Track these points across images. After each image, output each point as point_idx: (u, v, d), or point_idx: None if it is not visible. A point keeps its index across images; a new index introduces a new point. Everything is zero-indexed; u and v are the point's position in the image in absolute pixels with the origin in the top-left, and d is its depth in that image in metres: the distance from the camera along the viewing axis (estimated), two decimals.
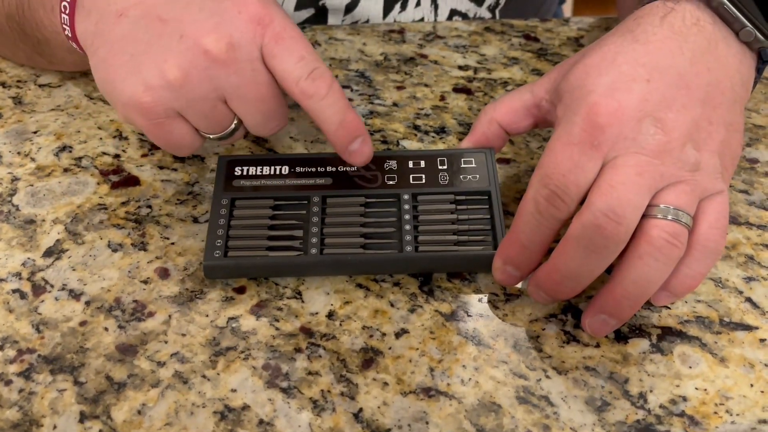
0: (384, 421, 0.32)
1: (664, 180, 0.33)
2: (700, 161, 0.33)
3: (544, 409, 0.32)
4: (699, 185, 0.33)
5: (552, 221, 0.33)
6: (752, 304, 0.37)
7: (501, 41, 0.57)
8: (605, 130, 0.33)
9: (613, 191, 0.32)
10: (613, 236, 0.31)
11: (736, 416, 0.32)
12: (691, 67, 0.34)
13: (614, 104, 0.33)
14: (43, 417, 0.32)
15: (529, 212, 0.34)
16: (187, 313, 0.37)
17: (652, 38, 0.35)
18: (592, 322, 0.34)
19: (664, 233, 0.32)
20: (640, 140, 0.33)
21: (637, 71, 0.34)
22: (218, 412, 0.32)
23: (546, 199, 0.33)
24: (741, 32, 0.35)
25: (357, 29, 0.58)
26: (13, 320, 0.36)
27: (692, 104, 0.34)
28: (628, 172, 0.32)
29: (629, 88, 0.33)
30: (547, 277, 0.34)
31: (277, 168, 0.40)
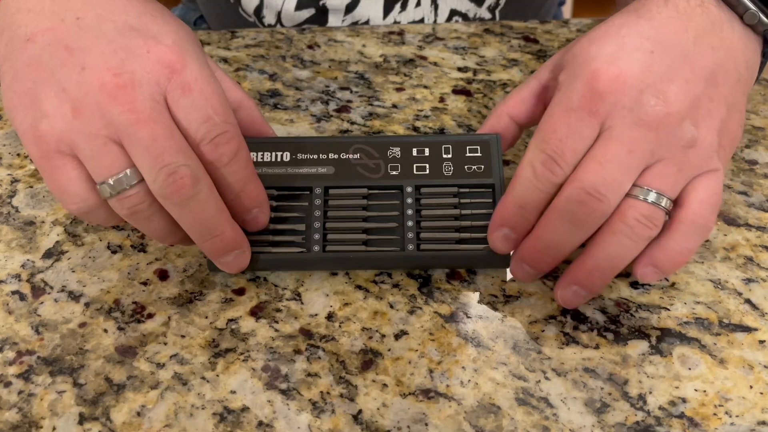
0: (383, 423, 0.32)
1: (654, 156, 0.33)
2: (697, 138, 0.33)
3: (543, 411, 0.32)
4: (689, 163, 0.33)
5: (547, 185, 0.34)
6: (751, 306, 0.37)
7: (500, 43, 0.57)
8: (604, 98, 0.33)
9: (601, 169, 0.32)
10: (595, 212, 0.33)
11: (735, 418, 0.32)
12: (694, 46, 0.34)
13: (615, 71, 0.33)
14: (43, 419, 0.32)
15: (526, 176, 0.34)
16: (187, 314, 0.36)
17: (656, 16, 0.35)
18: (563, 293, 0.35)
19: (639, 215, 0.33)
20: (638, 111, 0.33)
21: (642, 42, 0.34)
22: (218, 414, 0.32)
23: (542, 164, 0.33)
24: (745, 15, 0.35)
25: (356, 31, 0.58)
26: (12, 322, 0.36)
27: (695, 80, 0.33)
28: (619, 150, 0.32)
29: (632, 57, 0.33)
30: (530, 247, 0.35)
31: (278, 154, 0.39)
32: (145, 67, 0.32)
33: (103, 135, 0.32)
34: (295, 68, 0.54)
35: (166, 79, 0.32)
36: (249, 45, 0.57)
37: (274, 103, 0.51)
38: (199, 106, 0.33)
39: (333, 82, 0.53)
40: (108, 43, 0.33)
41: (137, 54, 0.32)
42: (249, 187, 0.35)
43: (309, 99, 0.51)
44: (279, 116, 0.50)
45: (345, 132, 0.48)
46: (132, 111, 0.32)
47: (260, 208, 0.36)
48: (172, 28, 0.34)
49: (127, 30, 0.33)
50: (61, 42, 0.33)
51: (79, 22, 0.33)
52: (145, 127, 0.32)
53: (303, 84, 0.53)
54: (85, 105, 0.32)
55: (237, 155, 0.34)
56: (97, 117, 0.32)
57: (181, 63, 0.33)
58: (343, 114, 0.50)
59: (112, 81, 0.32)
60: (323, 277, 0.38)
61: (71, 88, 0.32)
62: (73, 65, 0.32)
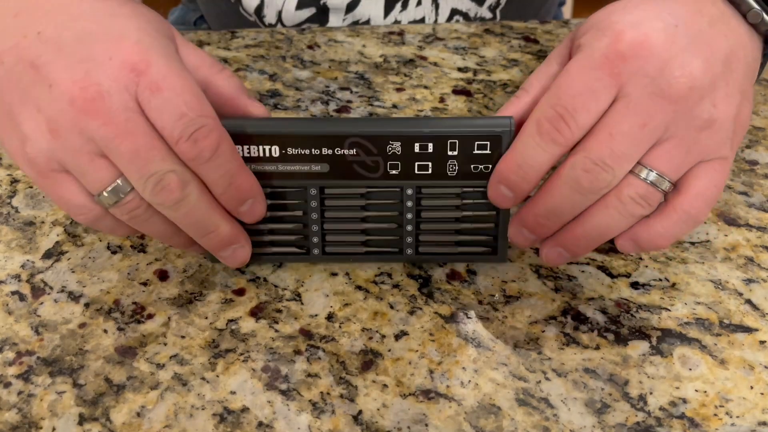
0: (383, 423, 0.32)
1: (667, 132, 0.32)
2: (716, 120, 0.32)
3: (543, 411, 0.32)
4: (699, 146, 0.32)
5: (550, 145, 0.32)
6: (752, 306, 0.37)
7: (500, 43, 0.57)
8: (628, 61, 0.31)
9: (611, 141, 0.31)
10: (599, 183, 0.32)
11: (736, 418, 0.32)
12: (710, 29, 0.33)
13: (641, 36, 0.32)
14: (42, 419, 0.32)
15: (529, 133, 0.32)
16: (187, 315, 0.36)
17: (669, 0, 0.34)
18: (549, 252, 0.35)
19: (635, 194, 0.32)
20: (660, 81, 0.31)
21: (664, 16, 0.33)
22: (217, 415, 0.32)
23: (549, 121, 0.32)
24: (749, 14, 0.35)
25: (356, 31, 0.58)
26: (12, 322, 0.36)
27: (715, 61, 0.33)
28: (633, 122, 0.31)
29: (657, 26, 0.32)
30: (530, 211, 0.34)
31: (265, 149, 0.36)
32: (111, 74, 0.31)
33: (87, 151, 0.31)
34: (295, 68, 0.54)
35: (134, 83, 0.31)
36: (249, 45, 0.57)
37: (275, 104, 0.51)
38: (171, 104, 0.31)
39: (333, 83, 0.53)
40: (70, 54, 0.31)
41: (100, 62, 0.31)
42: (238, 179, 0.34)
43: (309, 99, 0.51)
44: (279, 116, 0.49)
45: None
46: (108, 124, 0.31)
47: (254, 199, 0.35)
48: (134, 24, 0.32)
49: (87, 37, 0.32)
50: (27, 60, 0.32)
51: (40, 36, 0.32)
52: (124, 140, 0.31)
53: (303, 84, 0.53)
54: (61, 124, 0.31)
55: (219, 149, 0.32)
56: (75, 134, 0.31)
57: (145, 62, 0.31)
58: (343, 114, 0.50)
59: (80, 95, 0.31)
60: (323, 277, 0.38)
61: (44, 107, 0.31)
62: (41, 83, 0.31)
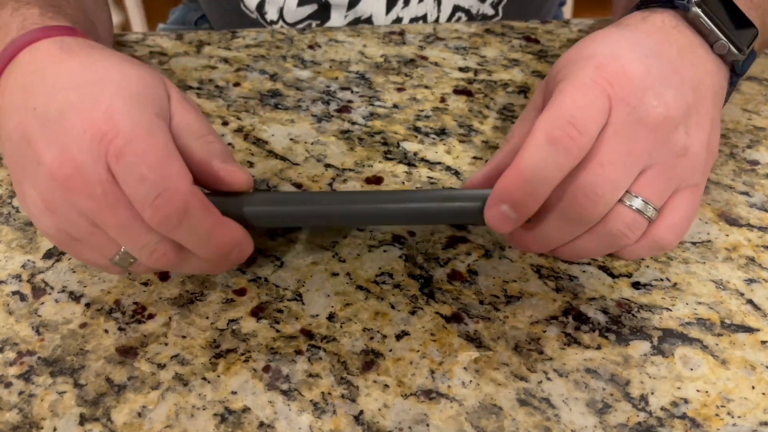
0: (385, 424, 0.32)
1: (650, 159, 0.32)
2: (689, 147, 0.33)
3: (545, 412, 0.32)
4: (678, 173, 0.33)
5: (563, 156, 0.31)
6: (753, 306, 0.37)
7: (501, 43, 0.57)
8: (613, 86, 0.32)
9: (601, 170, 0.31)
10: (591, 215, 0.32)
11: (737, 418, 0.32)
12: (679, 58, 0.34)
13: (620, 68, 0.32)
14: (43, 419, 0.32)
15: (539, 143, 0.31)
16: (187, 315, 0.36)
17: (638, 28, 0.35)
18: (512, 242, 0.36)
19: (623, 225, 0.32)
20: (641, 110, 0.32)
21: (635, 48, 0.34)
22: (218, 415, 0.32)
23: (561, 128, 0.31)
24: (715, 45, 0.36)
25: (357, 31, 0.58)
26: (12, 322, 0.36)
27: (685, 89, 0.33)
28: (620, 150, 0.31)
29: (631, 57, 0.33)
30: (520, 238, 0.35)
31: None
32: (83, 148, 0.31)
33: (83, 224, 0.32)
34: (296, 68, 0.54)
35: (104, 154, 0.31)
36: (249, 45, 0.57)
37: (275, 104, 0.51)
38: (131, 168, 0.30)
39: (334, 82, 0.53)
40: (53, 130, 0.31)
41: (75, 136, 0.31)
42: (216, 238, 0.32)
43: (310, 99, 0.51)
44: (280, 116, 0.49)
45: (346, 132, 0.48)
46: (89, 198, 0.31)
47: (239, 247, 0.34)
48: (110, 90, 0.32)
49: (68, 110, 0.32)
50: (25, 136, 0.32)
51: (35, 112, 0.32)
52: (107, 214, 0.31)
53: (304, 84, 0.52)
54: (52, 200, 0.31)
55: (186, 213, 0.31)
56: (67, 209, 0.31)
57: (113, 131, 0.31)
58: (344, 114, 0.50)
59: (60, 172, 0.31)
60: (324, 277, 0.38)
61: (36, 184, 0.32)
62: (33, 160, 0.32)
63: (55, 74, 0.33)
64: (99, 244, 0.33)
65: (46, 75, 0.33)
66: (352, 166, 0.45)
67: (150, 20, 1.62)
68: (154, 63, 0.55)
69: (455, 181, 0.44)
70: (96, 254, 0.33)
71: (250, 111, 0.50)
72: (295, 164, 0.46)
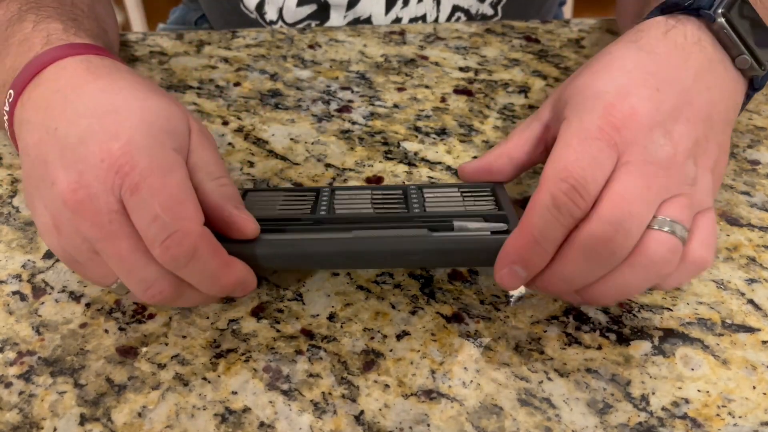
0: (385, 424, 0.32)
1: (668, 192, 0.33)
2: (697, 177, 0.34)
3: (545, 412, 0.32)
4: (695, 199, 0.33)
5: (568, 218, 0.32)
6: (754, 306, 0.37)
7: (502, 43, 0.57)
8: (621, 132, 0.32)
9: (623, 203, 0.32)
10: (620, 248, 0.31)
11: (738, 418, 0.32)
12: (694, 84, 0.34)
13: (629, 108, 0.33)
14: (43, 419, 0.32)
15: (546, 206, 0.32)
16: (188, 315, 0.36)
17: (657, 50, 0.35)
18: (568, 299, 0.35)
19: (663, 248, 0.32)
20: (650, 149, 0.32)
21: (646, 79, 0.34)
22: (219, 415, 0.32)
23: (565, 193, 0.32)
24: (738, 59, 0.36)
25: (357, 30, 0.58)
26: (13, 322, 0.36)
27: (695, 120, 0.34)
28: (638, 184, 0.32)
29: (641, 94, 0.33)
30: (547, 282, 0.33)
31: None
32: (99, 177, 0.31)
33: (86, 249, 0.32)
34: (296, 68, 0.54)
35: (118, 186, 0.31)
36: (250, 45, 0.57)
37: (275, 103, 0.51)
38: (145, 206, 0.31)
39: (334, 82, 0.52)
40: (70, 155, 0.32)
41: (92, 164, 0.31)
42: (222, 279, 0.33)
43: (310, 99, 0.51)
44: (280, 116, 0.49)
45: (346, 132, 0.48)
46: (95, 225, 0.31)
47: (243, 284, 0.34)
48: (130, 122, 0.32)
49: (88, 137, 0.32)
50: (42, 156, 0.33)
51: (56, 133, 0.33)
52: (109, 244, 0.31)
53: (304, 84, 0.52)
54: (61, 222, 0.32)
55: (194, 255, 0.31)
56: (73, 233, 0.32)
57: (130, 164, 0.31)
58: (345, 114, 0.50)
59: (72, 197, 0.31)
60: (324, 277, 0.38)
61: (48, 204, 0.32)
62: (47, 180, 0.32)
63: (77, 97, 0.34)
64: (97, 271, 0.33)
65: (69, 97, 0.34)
66: (353, 165, 0.45)
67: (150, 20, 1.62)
68: (154, 63, 0.55)
69: (455, 180, 0.44)
70: (97, 277, 0.34)
71: (250, 111, 0.50)
72: (295, 164, 0.46)
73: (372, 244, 0.34)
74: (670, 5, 0.37)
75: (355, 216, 0.36)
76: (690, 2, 0.36)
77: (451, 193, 0.39)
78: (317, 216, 0.36)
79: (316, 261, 0.35)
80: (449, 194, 0.38)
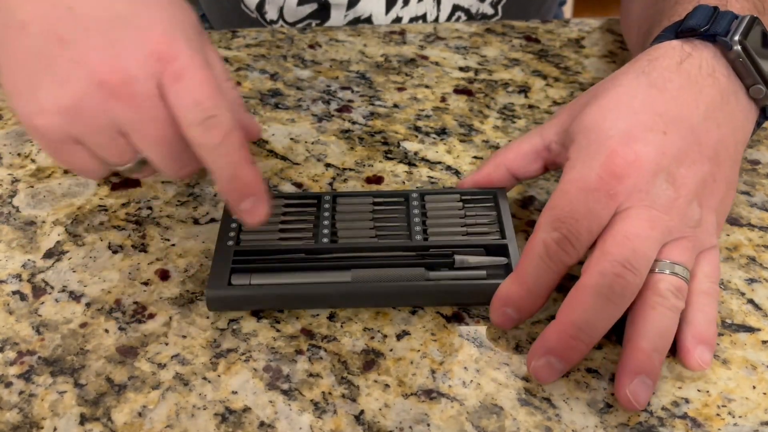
0: (385, 423, 0.32)
1: (671, 234, 0.33)
2: (702, 218, 0.34)
3: (546, 411, 0.32)
4: (698, 240, 0.34)
5: (560, 266, 0.33)
6: (754, 306, 0.37)
7: (502, 42, 0.57)
8: (622, 181, 0.33)
9: (628, 242, 0.32)
10: (630, 286, 0.32)
11: (738, 418, 0.32)
12: (703, 123, 0.34)
13: (632, 155, 0.33)
14: (44, 419, 0.32)
15: (538, 255, 0.33)
16: (188, 314, 0.36)
17: (668, 85, 0.35)
18: (634, 388, 0.31)
19: (671, 286, 0.33)
20: (652, 195, 0.33)
21: (655, 121, 0.34)
22: (219, 414, 0.32)
23: (557, 243, 0.33)
24: (752, 88, 0.36)
25: (357, 30, 0.58)
26: (13, 322, 0.36)
27: (701, 161, 0.34)
28: (642, 225, 0.33)
29: (647, 139, 0.33)
30: (560, 333, 0.32)
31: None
32: (139, 61, 0.32)
33: (108, 130, 0.32)
34: (296, 68, 0.54)
35: (160, 72, 0.32)
36: (250, 44, 0.57)
37: (275, 103, 0.51)
38: (189, 92, 0.32)
39: (334, 82, 0.53)
40: (101, 36, 0.32)
41: (129, 48, 0.32)
42: (242, 171, 0.33)
43: (310, 99, 0.51)
44: (280, 116, 0.49)
45: (346, 132, 0.48)
46: (134, 108, 0.32)
47: (256, 197, 0.34)
48: (164, 15, 0.33)
49: (119, 21, 0.32)
50: (55, 32, 0.32)
51: (71, 11, 0.32)
52: (150, 126, 0.32)
53: (304, 84, 0.52)
54: (85, 102, 0.32)
55: (227, 137, 0.32)
56: (100, 114, 0.32)
57: (172, 53, 0.32)
58: (345, 114, 0.50)
59: (109, 78, 0.31)
60: None
61: (69, 84, 0.32)
62: (68, 59, 0.32)
63: None
64: (114, 151, 0.33)
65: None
66: (353, 165, 0.45)
67: None
68: None
69: (456, 180, 0.44)
70: (90, 157, 0.34)
71: (250, 110, 0.50)
72: (295, 164, 0.46)
73: (370, 288, 0.36)
74: (685, 30, 0.37)
75: (355, 245, 0.37)
76: (706, 28, 0.36)
77: (453, 203, 0.40)
78: (319, 245, 0.37)
79: (315, 303, 0.36)
80: (451, 205, 0.40)
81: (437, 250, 0.37)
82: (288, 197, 0.40)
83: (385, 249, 0.37)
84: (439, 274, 0.36)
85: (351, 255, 0.37)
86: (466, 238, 0.38)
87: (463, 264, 0.36)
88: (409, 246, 0.37)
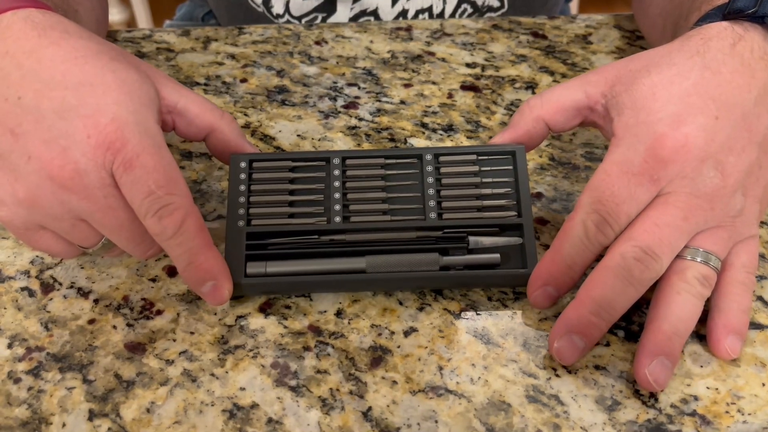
0: (393, 420, 0.32)
1: (706, 224, 0.33)
2: (744, 207, 0.34)
3: (554, 408, 0.32)
4: (736, 230, 0.34)
5: (597, 246, 0.33)
6: (764, 303, 0.36)
7: (509, 39, 0.56)
8: (668, 166, 0.33)
9: (657, 230, 0.32)
10: (650, 271, 0.32)
11: (747, 416, 0.32)
12: (754, 108, 0.34)
13: (681, 140, 0.33)
14: (52, 415, 0.32)
15: (577, 235, 0.33)
16: (196, 311, 0.36)
17: (723, 68, 0.34)
18: (652, 369, 0.32)
19: (699, 274, 0.33)
20: (698, 182, 0.33)
21: (707, 105, 0.33)
22: (227, 411, 0.32)
23: (596, 225, 0.33)
24: None
25: (364, 26, 0.58)
26: (21, 318, 0.36)
27: (750, 148, 0.34)
28: (675, 214, 0.32)
29: (697, 123, 0.33)
30: (580, 310, 0.32)
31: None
32: (87, 153, 0.32)
33: (68, 218, 0.33)
34: (303, 64, 0.54)
35: (110, 162, 0.32)
36: (256, 41, 0.57)
37: (282, 100, 0.51)
38: (140, 182, 0.32)
39: (341, 78, 0.52)
40: (49, 129, 0.32)
41: (77, 140, 0.32)
42: (199, 258, 0.33)
43: (317, 95, 0.51)
44: (287, 113, 0.49)
45: (353, 129, 0.48)
46: (87, 199, 0.32)
47: (216, 281, 0.34)
48: (110, 99, 0.32)
49: (65, 111, 0.32)
50: (6, 126, 0.32)
51: (20, 102, 0.32)
52: (107, 215, 0.33)
53: (311, 80, 0.52)
54: (40, 195, 0.32)
55: (182, 227, 0.33)
56: (56, 204, 0.32)
57: (121, 140, 0.32)
58: (351, 110, 0.50)
59: (59, 174, 0.32)
60: None
61: (22, 177, 0.32)
62: (20, 153, 0.32)
63: (36, 64, 0.33)
64: (78, 235, 0.34)
65: (25, 63, 0.33)
66: None
67: (156, 17, 1.62)
68: (161, 59, 0.55)
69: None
70: (56, 240, 0.35)
71: (257, 107, 0.50)
72: None
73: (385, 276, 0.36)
74: (733, 12, 0.36)
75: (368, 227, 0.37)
76: (754, 10, 0.35)
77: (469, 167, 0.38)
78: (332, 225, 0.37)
79: (329, 289, 0.37)
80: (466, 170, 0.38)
81: (451, 232, 0.36)
82: (295, 158, 0.39)
83: (398, 230, 0.37)
84: (452, 260, 0.36)
85: (364, 239, 0.37)
86: (480, 216, 0.37)
87: (478, 245, 0.36)
88: (423, 226, 0.37)
